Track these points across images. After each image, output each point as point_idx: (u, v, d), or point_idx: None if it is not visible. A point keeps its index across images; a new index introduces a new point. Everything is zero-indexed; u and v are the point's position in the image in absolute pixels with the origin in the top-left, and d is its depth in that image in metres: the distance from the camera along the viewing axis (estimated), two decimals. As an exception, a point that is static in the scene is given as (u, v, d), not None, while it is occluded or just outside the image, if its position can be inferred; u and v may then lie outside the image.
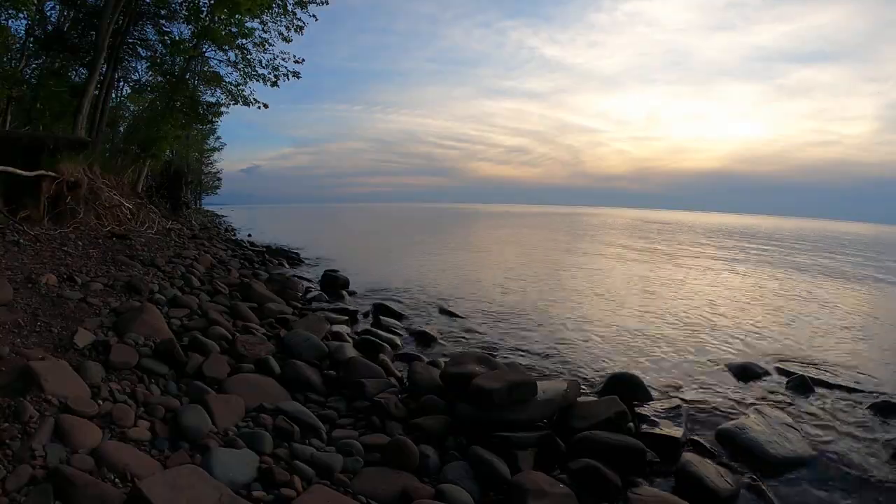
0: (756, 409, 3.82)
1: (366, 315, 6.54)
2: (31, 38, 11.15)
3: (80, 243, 6.10)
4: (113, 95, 13.21)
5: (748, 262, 15.38)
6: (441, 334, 5.84)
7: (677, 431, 3.26)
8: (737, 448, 3.23)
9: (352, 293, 8.00)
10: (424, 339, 5.58)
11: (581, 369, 4.82)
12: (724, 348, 5.70)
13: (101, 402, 2.59)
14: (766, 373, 4.84)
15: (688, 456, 2.96)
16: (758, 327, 6.79)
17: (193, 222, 16.60)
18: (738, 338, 6.17)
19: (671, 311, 7.61)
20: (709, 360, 5.18)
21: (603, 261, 14.62)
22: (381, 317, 6.34)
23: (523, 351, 5.37)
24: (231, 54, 12.93)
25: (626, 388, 3.95)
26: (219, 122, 18.61)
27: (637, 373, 4.45)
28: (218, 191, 42.59)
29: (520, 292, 8.83)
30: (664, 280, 11.03)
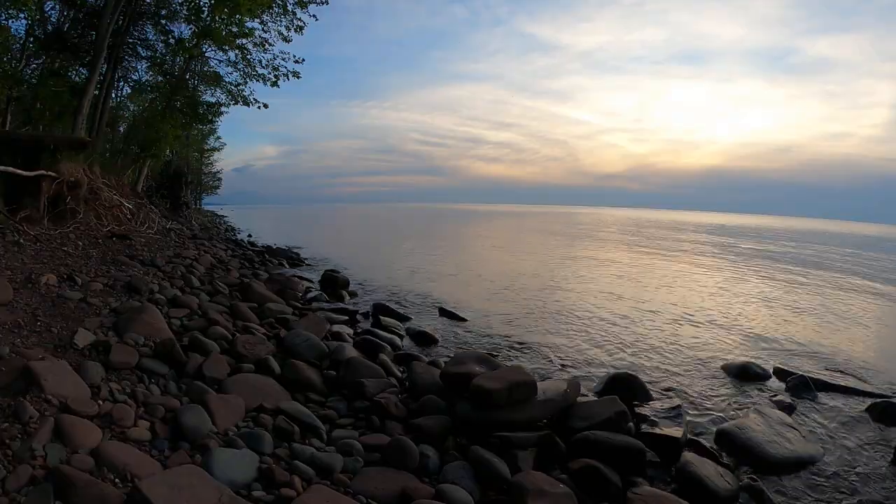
0: (756, 409, 3.81)
1: (366, 315, 6.54)
2: (31, 38, 11.14)
3: (80, 243, 6.10)
4: (113, 95, 13.22)
5: (749, 264, 15.36)
6: (441, 334, 5.84)
7: (677, 431, 3.25)
8: (737, 448, 3.23)
9: (352, 293, 8.00)
10: (424, 339, 5.58)
11: (581, 369, 4.82)
12: (725, 348, 5.70)
13: (101, 402, 2.59)
14: (767, 373, 4.85)
15: (688, 456, 2.95)
16: (758, 327, 6.79)
17: (193, 222, 16.61)
18: (738, 338, 6.17)
19: (672, 311, 7.62)
20: (709, 360, 5.18)
21: (602, 261, 14.61)
22: (381, 317, 6.32)
23: (523, 351, 5.37)
24: (231, 54, 12.96)
25: (626, 388, 3.96)
26: (219, 122, 18.64)
27: (637, 373, 4.46)
28: (217, 191, 42.62)
29: (520, 292, 8.83)
30: (664, 281, 11.03)
